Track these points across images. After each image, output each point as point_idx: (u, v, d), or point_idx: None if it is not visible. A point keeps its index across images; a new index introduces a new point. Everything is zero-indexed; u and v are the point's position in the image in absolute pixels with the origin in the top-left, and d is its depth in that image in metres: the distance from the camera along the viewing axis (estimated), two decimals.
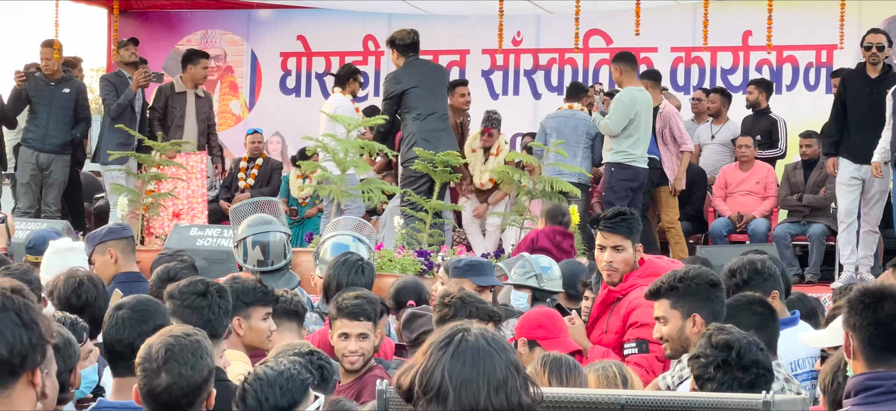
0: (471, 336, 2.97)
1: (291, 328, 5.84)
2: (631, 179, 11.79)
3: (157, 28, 17.09)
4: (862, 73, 11.44)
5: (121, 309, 4.71)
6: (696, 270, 5.31)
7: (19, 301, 2.78)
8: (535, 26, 15.86)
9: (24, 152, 12.70)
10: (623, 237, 6.30)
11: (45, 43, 12.86)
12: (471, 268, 6.81)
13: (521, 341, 5.65)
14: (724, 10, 13.61)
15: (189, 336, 4.19)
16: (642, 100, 11.82)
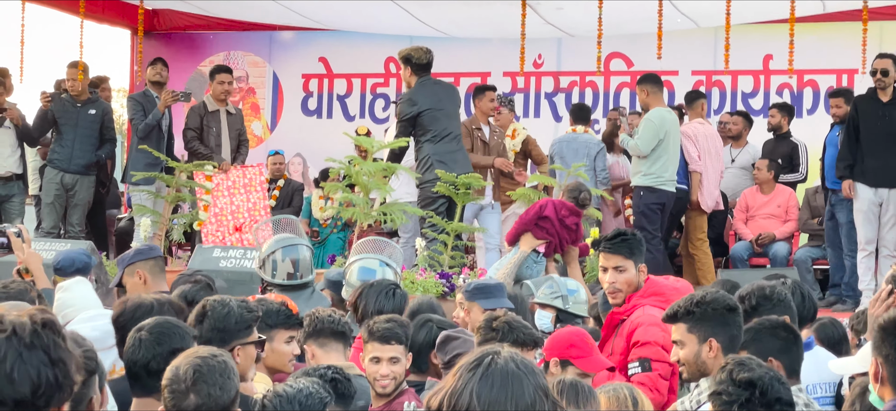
0: (500, 359, 2.98)
1: (337, 349, 5.79)
2: (659, 202, 11.79)
3: (181, 49, 17.16)
4: (874, 97, 11.45)
5: (141, 331, 4.75)
6: (714, 295, 5.30)
7: (49, 338, 2.75)
8: (557, 49, 15.90)
9: (50, 173, 12.77)
10: (624, 257, 6.33)
11: (71, 64, 12.93)
12: (479, 292, 6.81)
13: (554, 361, 5.64)
14: (745, 34, 13.62)
15: (216, 356, 4.22)
16: (670, 121, 11.84)
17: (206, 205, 11.72)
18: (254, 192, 11.90)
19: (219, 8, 15.96)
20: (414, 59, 11.43)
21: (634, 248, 6.35)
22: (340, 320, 5.86)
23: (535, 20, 13.45)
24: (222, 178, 11.92)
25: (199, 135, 12.47)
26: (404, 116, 11.26)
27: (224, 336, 5.04)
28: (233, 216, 11.68)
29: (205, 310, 5.09)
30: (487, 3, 13.81)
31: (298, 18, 15.51)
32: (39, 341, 2.73)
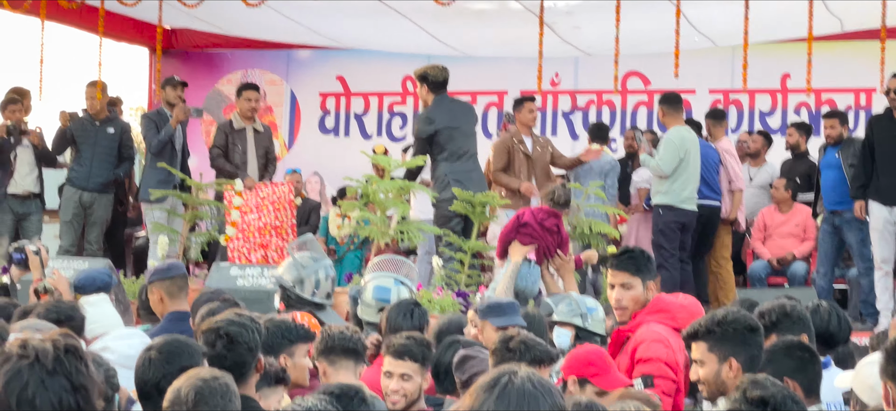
0: (517, 378, 2.98)
1: (348, 367, 5.77)
2: (678, 221, 11.77)
3: (198, 68, 17.21)
4: (889, 116, 11.43)
5: (151, 350, 4.75)
6: (735, 314, 5.29)
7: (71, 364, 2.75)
8: (574, 68, 15.89)
9: (68, 191, 12.81)
10: (630, 274, 6.31)
11: (90, 83, 12.98)
12: (491, 310, 6.79)
13: (572, 380, 5.62)
14: (763, 53, 13.61)
15: (217, 378, 4.22)
16: (690, 139, 11.83)
17: (234, 222, 11.65)
18: (281, 210, 11.81)
19: (237, 27, 16.00)
20: (430, 76, 11.43)
21: (641, 266, 6.33)
22: (352, 337, 5.84)
23: (553, 39, 13.45)
24: (250, 195, 11.82)
25: (225, 152, 12.36)
26: (421, 135, 11.26)
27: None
28: (259, 233, 11.62)
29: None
30: (504, 23, 13.82)
31: (316, 37, 15.55)
32: (62, 367, 2.73)
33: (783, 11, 12.11)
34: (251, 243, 11.55)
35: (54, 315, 5.81)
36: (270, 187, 11.99)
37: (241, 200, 11.75)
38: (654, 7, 11.84)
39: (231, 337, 4.87)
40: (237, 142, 12.36)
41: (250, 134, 12.47)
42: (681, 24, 11.13)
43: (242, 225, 11.67)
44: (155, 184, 12.23)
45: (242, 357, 4.85)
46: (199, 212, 11.95)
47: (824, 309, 6.63)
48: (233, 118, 12.60)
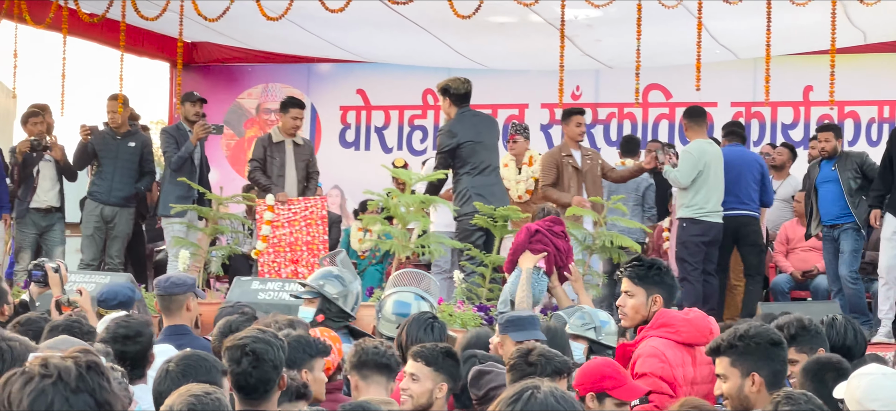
0: (540, 393, 2.97)
1: (379, 382, 5.75)
2: (702, 234, 11.72)
3: (219, 82, 17.26)
4: None
5: (169, 363, 4.75)
6: (757, 328, 5.27)
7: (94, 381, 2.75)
8: (595, 81, 15.87)
9: (89, 205, 12.84)
10: (633, 283, 6.33)
11: (111, 97, 13.01)
12: (510, 324, 6.75)
13: (590, 396, 5.58)
14: (785, 66, 13.57)
15: (209, 394, 4.20)
16: (711, 152, 11.81)
17: (265, 237, 11.62)
18: (314, 226, 11.70)
19: (257, 40, 16.04)
20: (452, 89, 11.43)
21: (644, 276, 6.32)
22: (386, 352, 5.82)
23: (574, 52, 13.44)
24: (283, 210, 11.76)
25: (263, 166, 12.32)
26: (443, 148, 11.24)
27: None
28: (291, 248, 11.56)
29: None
30: (525, 36, 13.81)
31: (336, 51, 15.56)
32: (85, 384, 2.73)
33: (806, 24, 12.07)
34: (282, 258, 11.52)
35: (124, 330, 5.80)
36: (303, 202, 11.89)
37: (273, 215, 11.71)
38: (676, 20, 11.81)
39: (257, 355, 4.86)
40: (275, 156, 12.31)
41: (289, 147, 12.41)
42: (702, 37, 11.09)
43: (273, 239, 11.63)
44: (174, 198, 12.24)
45: (267, 374, 4.86)
46: (219, 227, 11.94)
47: (840, 323, 6.63)
48: (273, 132, 12.55)
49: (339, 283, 7.59)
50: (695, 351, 6.12)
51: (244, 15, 12.35)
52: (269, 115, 17.27)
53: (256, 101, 17.33)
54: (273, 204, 11.76)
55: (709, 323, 6.17)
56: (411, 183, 9.62)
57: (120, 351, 5.58)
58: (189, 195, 12.30)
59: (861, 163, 11.70)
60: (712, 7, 11.09)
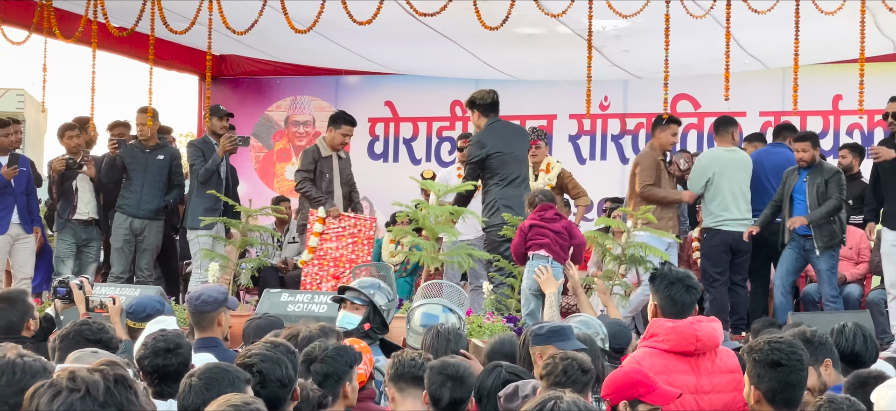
0: (563, 403, 2.97)
1: (415, 395, 5.72)
2: (721, 243, 11.71)
3: (248, 94, 17.32)
4: (891, 141, 11.37)
5: (192, 377, 4.76)
6: (761, 345, 5.40)
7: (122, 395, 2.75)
8: (623, 91, 15.86)
9: (119, 218, 12.87)
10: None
11: (141, 109, 13.06)
12: (554, 334, 6.69)
13: (623, 405, 5.56)
14: (814, 75, 13.52)
15: (249, 404, 4.23)
16: (724, 159, 11.84)
17: (312, 248, 11.61)
18: (360, 245, 11.70)
19: (285, 53, 16.08)
20: (478, 100, 11.44)
21: (652, 286, 6.37)
22: (422, 364, 5.77)
23: (602, 62, 13.43)
24: (333, 224, 11.74)
25: (312, 178, 12.25)
26: (472, 159, 11.23)
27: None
28: (335, 264, 11.53)
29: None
30: (553, 47, 13.80)
31: (364, 63, 15.59)
32: (113, 399, 2.74)
33: (834, 33, 12.03)
34: (325, 272, 11.51)
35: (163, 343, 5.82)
36: (353, 219, 11.87)
37: (322, 227, 11.68)
38: (704, 30, 11.79)
39: (263, 374, 4.84)
40: (325, 170, 12.24)
41: (335, 162, 12.35)
42: (730, 47, 11.05)
43: (320, 252, 11.61)
44: (202, 211, 12.27)
45: (275, 393, 4.83)
46: (248, 239, 11.95)
47: (849, 330, 6.61)
48: (319, 144, 12.43)
49: (386, 295, 7.61)
50: (699, 359, 6.10)
51: (272, 27, 12.38)
52: (297, 128, 17.32)
53: (285, 113, 17.37)
54: (324, 217, 11.75)
55: (694, 332, 6.09)
56: (440, 194, 9.59)
57: (160, 364, 5.58)
58: (216, 207, 12.32)
59: (828, 178, 11.39)
60: (740, 17, 11.07)
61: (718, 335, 6.18)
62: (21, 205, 12.67)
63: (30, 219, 12.75)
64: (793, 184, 11.63)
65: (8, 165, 12.58)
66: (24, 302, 7.26)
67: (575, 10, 11.17)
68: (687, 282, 6.30)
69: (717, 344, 6.14)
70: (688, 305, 6.26)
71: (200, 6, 11.87)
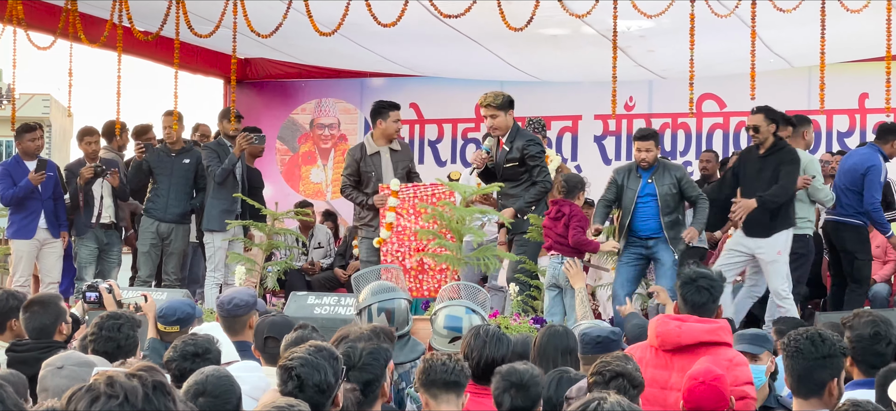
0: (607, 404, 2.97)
1: (449, 400, 5.65)
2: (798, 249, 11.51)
3: (273, 97, 17.35)
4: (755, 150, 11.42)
5: None
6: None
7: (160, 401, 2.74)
8: (648, 91, 15.83)
9: (145, 221, 12.92)
10: None
11: (166, 113, 13.11)
12: (599, 345, 6.61)
13: None
14: (840, 73, 13.47)
15: (293, 407, 4.24)
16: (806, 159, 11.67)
17: (390, 225, 11.06)
18: (405, 216, 11.02)
19: (310, 56, 16.11)
20: (510, 99, 11.37)
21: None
22: (454, 368, 5.68)
23: (626, 63, 13.40)
24: (408, 193, 11.15)
25: (356, 179, 11.63)
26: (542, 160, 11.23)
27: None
28: (415, 237, 10.86)
29: None
30: (578, 47, 13.79)
31: (389, 65, 15.60)
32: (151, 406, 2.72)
33: (860, 31, 11.98)
34: (406, 248, 10.96)
35: (192, 347, 5.85)
36: (430, 187, 11.16)
37: (397, 201, 11.11)
38: (729, 29, 11.76)
39: (301, 379, 4.74)
40: (369, 170, 11.57)
41: (386, 155, 11.66)
42: (756, 46, 11.02)
43: (398, 228, 11.06)
44: (218, 213, 12.27)
45: (313, 398, 4.73)
46: (274, 242, 11.96)
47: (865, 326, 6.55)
48: (366, 141, 11.82)
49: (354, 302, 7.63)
50: (681, 357, 6.07)
51: (297, 31, 12.40)
52: (322, 130, 17.34)
53: (310, 116, 17.41)
54: (397, 188, 11.14)
55: (679, 331, 6.12)
56: (466, 196, 9.55)
57: (189, 369, 5.59)
58: (232, 209, 12.31)
59: (680, 177, 11.11)
60: (766, 16, 11.03)
61: (699, 336, 6.11)
62: (48, 210, 12.74)
63: (57, 223, 12.82)
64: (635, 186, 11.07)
65: (36, 171, 12.65)
66: (56, 305, 7.29)
67: (600, 11, 11.15)
68: (699, 283, 6.33)
69: (691, 343, 6.08)
70: (698, 304, 6.29)
71: (225, 9, 11.90)
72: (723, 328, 6.18)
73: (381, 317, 7.46)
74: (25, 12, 12.52)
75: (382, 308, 7.51)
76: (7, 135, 56.80)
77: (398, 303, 7.63)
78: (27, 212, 12.69)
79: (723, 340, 6.12)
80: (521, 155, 11.07)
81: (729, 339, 6.19)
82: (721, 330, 6.16)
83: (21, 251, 12.67)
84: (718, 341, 6.10)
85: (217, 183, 12.43)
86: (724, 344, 6.13)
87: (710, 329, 6.14)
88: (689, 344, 6.08)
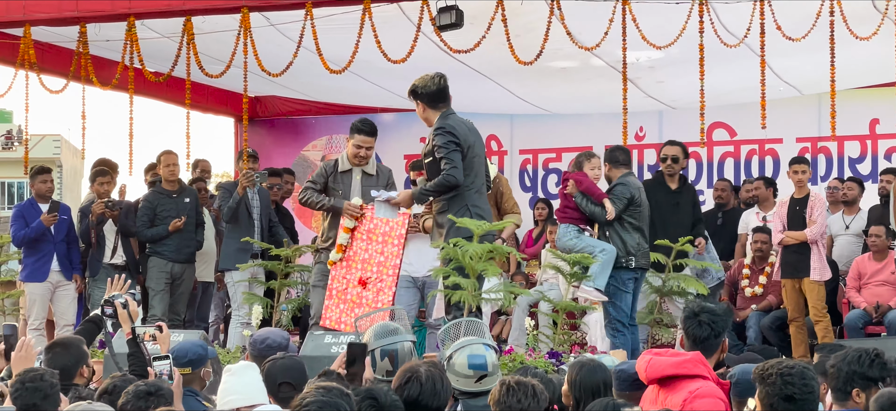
0: None
1: None
2: None
3: (284, 134, 17.37)
4: (662, 181, 11.71)
5: None
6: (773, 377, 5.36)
7: None
8: (658, 121, 15.83)
9: (158, 263, 12.84)
10: None
11: (167, 152, 13.10)
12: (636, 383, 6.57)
13: None
14: (850, 100, 13.47)
15: None
16: None
17: (341, 246, 10.76)
18: (390, 245, 10.65)
19: (320, 92, 16.14)
20: (420, 89, 10.30)
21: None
22: None
23: (636, 94, 13.42)
24: (364, 221, 10.78)
25: (318, 190, 11.18)
26: (451, 151, 10.04)
27: None
28: (362, 266, 10.64)
29: None
30: (587, 79, 13.81)
31: (399, 100, 15.59)
32: None
33: (870, 57, 11.99)
34: (352, 276, 10.73)
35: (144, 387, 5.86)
36: (387, 221, 10.79)
37: (354, 223, 10.78)
38: (738, 59, 11.78)
39: None
40: (337, 187, 11.13)
41: (357, 176, 11.22)
42: (765, 75, 11.02)
43: (350, 251, 10.79)
44: (234, 253, 12.28)
45: None
46: (288, 281, 11.94)
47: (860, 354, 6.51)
48: (339, 158, 11.42)
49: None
50: (663, 389, 6.11)
51: (307, 68, 12.44)
52: None
53: (321, 152, 17.41)
54: (356, 210, 10.75)
55: (646, 365, 6.18)
56: (479, 231, 9.49)
57: (143, 408, 5.63)
58: (248, 249, 12.30)
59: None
60: (774, 44, 11.04)
61: (664, 370, 6.08)
62: (61, 253, 12.77)
63: (70, 266, 12.84)
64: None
65: (48, 212, 12.68)
66: (78, 348, 7.28)
67: (608, 43, 11.16)
68: (701, 317, 6.34)
69: (657, 377, 6.07)
70: (700, 339, 6.30)
71: (235, 49, 11.94)
72: (692, 360, 6.09)
73: (385, 362, 7.34)
74: (37, 56, 12.57)
75: (386, 352, 7.37)
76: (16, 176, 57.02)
77: (402, 345, 7.49)
78: (39, 254, 12.72)
79: (693, 373, 6.04)
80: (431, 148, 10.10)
81: (702, 371, 6.07)
82: (690, 362, 6.07)
83: (35, 294, 12.70)
84: (689, 374, 6.03)
85: (225, 221, 12.47)
86: (698, 377, 6.04)
87: (677, 363, 6.09)
88: (656, 378, 6.07)
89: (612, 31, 10.96)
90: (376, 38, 11.37)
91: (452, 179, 9.72)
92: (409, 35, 11.44)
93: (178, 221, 12.73)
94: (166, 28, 12.51)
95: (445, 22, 11.34)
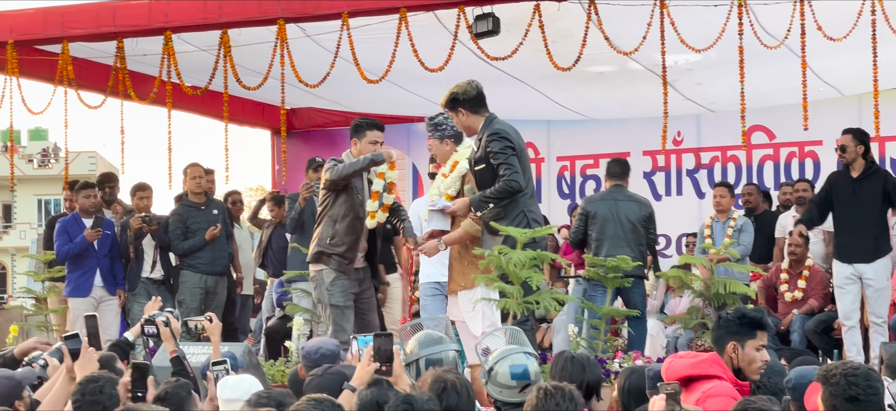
0: None
1: None
2: None
3: (320, 146, 17.36)
4: (846, 173, 11.43)
5: None
6: (837, 378, 5.30)
7: None
8: (696, 125, 15.75)
9: (192, 277, 12.87)
10: None
11: (194, 165, 13.18)
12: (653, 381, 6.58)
13: None
14: (892, 99, 13.34)
15: None
16: None
17: (387, 206, 10.64)
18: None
19: (357, 103, 16.14)
20: (461, 96, 10.13)
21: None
22: None
23: (674, 97, 13.35)
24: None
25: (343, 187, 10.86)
26: (509, 157, 9.62)
27: None
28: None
29: None
30: (625, 84, 13.75)
31: (435, 108, 15.55)
32: None
33: None
34: None
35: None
36: None
37: (396, 174, 10.76)
38: (778, 60, 11.69)
39: None
40: (354, 184, 10.69)
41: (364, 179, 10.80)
42: (806, 76, 10.93)
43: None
44: (297, 264, 12.32)
45: None
46: None
47: None
48: (345, 157, 10.75)
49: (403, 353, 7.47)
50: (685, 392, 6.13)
51: (344, 79, 12.43)
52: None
53: None
54: (394, 159, 10.60)
55: (666, 367, 6.20)
56: (522, 239, 9.42)
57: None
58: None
59: None
60: (815, 45, 10.94)
61: (681, 371, 6.10)
62: (104, 268, 12.82)
63: (113, 281, 12.89)
64: None
65: (92, 227, 12.73)
66: (111, 367, 7.27)
67: (646, 46, 11.09)
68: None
69: (676, 378, 6.04)
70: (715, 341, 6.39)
71: (272, 61, 11.94)
72: (707, 361, 6.15)
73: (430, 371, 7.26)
74: (75, 72, 12.61)
75: (431, 361, 7.29)
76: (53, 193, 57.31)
77: (446, 355, 7.42)
78: (83, 269, 12.77)
79: (708, 373, 6.10)
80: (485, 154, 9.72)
81: (718, 372, 6.11)
82: (705, 363, 6.14)
83: (78, 309, 12.72)
84: (704, 375, 6.10)
85: (289, 232, 12.75)
86: (714, 378, 6.09)
87: (692, 363, 6.16)
88: (675, 380, 6.06)
89: (650, 34, 10.89)
90: (413, 47, 11.34)
91: (516, 184, 9.41)
92: (445, 43, 11.42)
93: (214, 229, 12.79)
94: (203, 41, 12.53)
95: (482, 29, 11.30)
